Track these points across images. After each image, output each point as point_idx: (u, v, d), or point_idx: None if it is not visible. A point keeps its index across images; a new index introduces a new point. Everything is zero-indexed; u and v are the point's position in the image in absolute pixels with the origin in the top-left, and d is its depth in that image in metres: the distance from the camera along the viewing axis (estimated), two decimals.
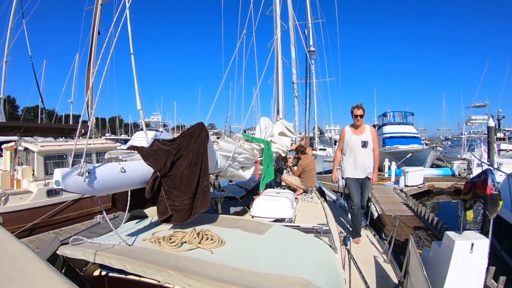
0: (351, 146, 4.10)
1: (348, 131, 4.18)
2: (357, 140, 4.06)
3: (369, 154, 4.09)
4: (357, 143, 4.05)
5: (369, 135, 4.10)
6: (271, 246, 1.82)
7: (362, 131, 4.11)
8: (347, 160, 4.17)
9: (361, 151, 4.06)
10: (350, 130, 4.17)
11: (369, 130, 4.15)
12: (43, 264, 1.00)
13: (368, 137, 4.09)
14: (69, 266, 1.66)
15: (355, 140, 4.08)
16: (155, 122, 32.57)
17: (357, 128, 4.13)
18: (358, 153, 4.06)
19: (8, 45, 10.80)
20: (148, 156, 1.97)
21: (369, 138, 4.08)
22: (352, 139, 4.11)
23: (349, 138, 4.13)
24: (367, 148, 4.06)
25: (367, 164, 4.09)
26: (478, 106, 26.94)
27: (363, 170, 4.09)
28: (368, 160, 4.09)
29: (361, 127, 4.12)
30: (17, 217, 5.96)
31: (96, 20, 8.06)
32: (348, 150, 4.16)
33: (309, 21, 16.87)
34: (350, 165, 4.14)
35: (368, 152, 4.08)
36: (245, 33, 5.19)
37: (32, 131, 7.37)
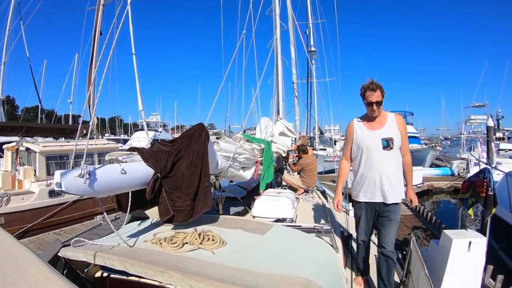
0: (365, 149, 2.51)
1: (359, 125, 2.59)
2: (375, 138, 2.48)
3: (396, 160, 2.49)
4: (375, 143, 2.48)
5: (395, 129, 2.49)
6: (272, 246, 1.83)
7: (382, 122, 2.53)
8: (359, 173, 2.58)
9: (382, 156, 2.46)
10: (362, 123, 2.59)
11: (393, 120, 2.53)
12: (44, 266, 1.00)
13: (394, 131, 2.47)
14: (70, 267, 1.66)
15: (372, 138, 2.49)
16: (154, 122, 32.56)
17: (373, 120, 2.55)
18: (377, 159, 2.46)
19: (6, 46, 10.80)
20: (149, 157, 1.97)
21: (395, 133, 2.47)
22: (367, 137, 2.52)
23: (362, 136, 2.54)
24: (393, 150, 2.45)
25: (392, 177, 2.46)
26: (478, 106, 26.97)
27: (387, 188, 2.45)
28: (394, 170, 2.48)
29: (381, 117, 2.55)
30: (19, 218, 5.96)
31: (98, 21, 8.06)
32: (360, 156, 2.55)
33: (310, 21, 16.87)
34: (363, 181, 2.54)
35: (394, 156, 2.47)
36: (245, 33, 5.19)
37: (34, 132, 7.37)
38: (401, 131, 2.47)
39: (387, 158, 2.44)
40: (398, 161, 2.50)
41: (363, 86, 2.45)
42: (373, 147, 2.46)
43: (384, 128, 2.48)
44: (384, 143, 2.44)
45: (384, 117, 2.52)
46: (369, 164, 2.48)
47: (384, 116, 2.53)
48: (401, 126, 2.50)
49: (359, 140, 2.54)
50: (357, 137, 2.55)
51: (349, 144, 2.65)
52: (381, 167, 2.44)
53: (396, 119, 2.52)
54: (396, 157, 2.48)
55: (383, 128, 2.48)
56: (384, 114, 2.54)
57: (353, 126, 2.60)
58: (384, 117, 2.52)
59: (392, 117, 2.54)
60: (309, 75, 16.66)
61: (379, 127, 2.50)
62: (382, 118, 2.52)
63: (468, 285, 2.80)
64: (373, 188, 2.48)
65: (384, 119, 2.52)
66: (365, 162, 2.50)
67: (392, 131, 2.46)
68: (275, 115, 5.80)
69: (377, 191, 2.47)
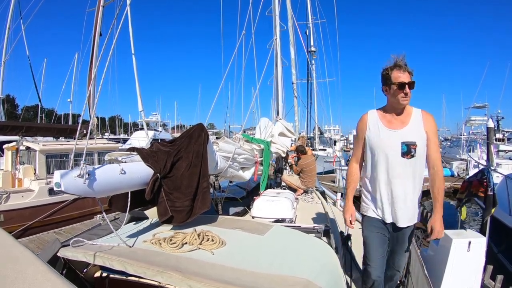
0: (379, 152, 1.94)
1: (374, 119, 1.99)
2: (394, 140, 1.91)
3: (417, 173, 1.93)
4: (393, 147, 1.90)
5: (420, 130, 1.91)
6: (271, 247, 1.83)
7: (404, 120, 1.94)
8: (368, 182, 2.05)
9: (399, 165, 1.90)
10: (379, 117, 1.98)
11: (419, 118, 1.94)
12: (43, 266, 1.00)
13: (419, 134, 1.91)
14: (69, 268, 1.66)
15: (389, 140, 1.92)
16: (154, 121, 32.56)
17: (394, 115, 1.95)
18: (392, 167, 1.91)
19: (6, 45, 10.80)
20: (148, 158, 1.97)
21: (419, 136, 1.90)
22: (383, 137, 1.94)
23: (376, 135, 1.96)
24: (414, 160, 1.89)
25: (409, 194, 1.93)
26: (478, 107, 27.00)
27: (400, 207, 1.93)
28: (413, 185, 1.94)
29: (404, 113, 1.95)
30: (18, 216, 5.96)
31: (97, 22, 8.07)
32: (371, 162, 2.00)
33: (310, 22, 16.87)
34: (373, 194, 2.03)
35: (416, 167, 1.91)
36: (244, 33, 5.20)
37: (34, 131, 7.38)
38: (429, 134, 1.88)
39: (406, 168, 1.87)
40: (420, 174, 1.91)
41: (387, 66, 1.88)
42: (389, 151, 1.88)
43: (406, 129, 1.89)
44: (404, 148, 1.85)
45: (408, 113, 1.92)
46: (382, 173, 1.91)
47: (408, 112, 1.92)
48: (430, 127, 1.89)
49: (372, 140, 1.95)
50: (370, 135, 1.96)
51: (360, 143, 2.04)
52: (396, 179, 1.88)
53: (423, 117, 1.91)
54: (418, 168, 1.89)
55: (406, 129, 1.89)
56: (408, 109, 1.93)
57: (367, 120, 1.98)
58: (408, 114, 1.92)
59: (418, 115, 1.92)
60: (309, 75, 16.66)
61: (400, 126, 1.90)
62: (405, 114, 1.92)
63: (467, 285, 2.81)
64: (382, 204, 1.96)
65: (407, 116, 1.91)
66: (376, 170, 1.94)
67: (416, 133, 1.87)
68: (275, 116, 5.80)
69: (387, 209, 1.95)
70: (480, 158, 9.76)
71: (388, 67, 1.90)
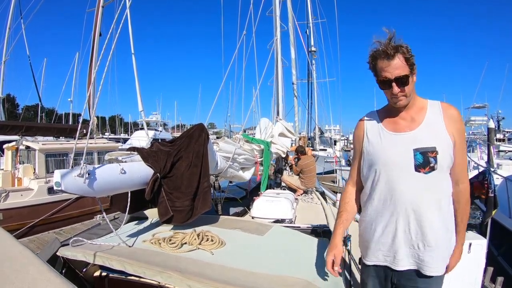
0: (382, 168, 1.32)
1: (372, 124, 1.41)
2: (402, 148, 1.29)
3: (443, 193, 1.30)
4: (401, 157, 1.28)
5: (442, 130, 1.28)
6: (271, 247, 1.83)
7: (416, 118, 1.32)
8: (368, 212, 1.39)
9: (414, 184, 1.27)
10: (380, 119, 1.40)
11: (439, 113, 1.31)
12: (43, 265, 1.00)
13: (440, 135, 1.28)
14: (69, 267, 1.66)
15: (396, 148, 1.31)
16: (154, 121, 32.57)
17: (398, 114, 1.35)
18: (404, 188, 1.27)
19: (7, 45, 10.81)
20: (148, 157, 1.97)
21: (441, 139, 1.27)
22: (387, 145, 1.33)
23: (377, 145, 1.35)
24: (436, 173, 1.26)
25: (435, 226, 1.27)
26: (478, 107, 27.00)
27: (422, 246, 1.28)
28: (439, 212, 1.28)
29: (414, 108, 1.34)
30: (17, 214, 5.96)
31: (97, 22, 8.07)
32: (372, 182, 1.36)
33: (310, 21, 16.86)
34: (375, 228, 1.36)
35: (439, 185, 1.29)
36: (245, 34, 5.20)
37: (34, 131, 7.38)
38: (455, 136, 1.26)
39: (425, 187, 1.24)
40: (447, 194, 1.29)
41: (372, 53, 1.28)
42: (396, 164, 1.27)
43: (420, 129, 1.28)
44: (419, 158, 1.24)
45: (421, 108, 1.32)
46: (389, 197, 1.29)
47: (421, 106, 1.32)
48: (455, 126, 1.27)
49: (371, 152, 1.34)
50: (369, 147, 1.36)
51: (357, 158, 1.45)
52: (411, 204, 1.25)
53: (444, 112, 1.29)
54: (445, 186, 1.28)
55: (418, 129, 1.28)
56: (420, 103, 1.33)
57: (363, 127, 1.42)
58: (421, 109, 1.32)
59: (436, 109, 1.30)
60: (309, 75, 16.64)
61: (410, 127, 1.30)
62: (416, 110, 1.31)
63: (468, 287, 2.80)
64: (392, 243, 1.30)
65: (420, 112, 1.31)
66: (380, 193, 1.31)
67: (435, 134, 1.26)
68: (275, 116, 5.81)
69: (400, 250, 1.29)
70: (480, 159, 9.75)
71: (371, 54, 1.28)
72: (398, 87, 1.25)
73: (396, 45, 1.24)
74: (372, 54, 1.29)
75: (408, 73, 1.24)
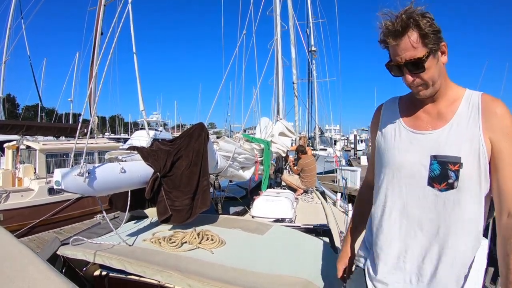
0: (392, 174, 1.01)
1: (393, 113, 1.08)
2: (417, 152, 0.97)
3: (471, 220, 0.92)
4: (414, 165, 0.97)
5: (474, 135, 0.90)
6: (271, 246, 1.83)
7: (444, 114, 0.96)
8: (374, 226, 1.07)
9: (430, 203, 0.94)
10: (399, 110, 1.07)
11: (476, 110, 0.92)
12: (43, 264, 1.00)
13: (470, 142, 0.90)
14: (69, 266, 1.66)
15: (409, 154, 0.98)
16: (154, 121, 32.59)
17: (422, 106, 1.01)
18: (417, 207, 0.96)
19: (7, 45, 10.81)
20: (148, 157, 1.97)
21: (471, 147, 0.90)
22: (400, 145, 1.01)
23: (390, 143, 1.04)
24: (458, 192, 0.90)
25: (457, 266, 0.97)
26: None
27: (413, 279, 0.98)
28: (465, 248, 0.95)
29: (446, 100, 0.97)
30: (18, 215, 5.97)
31: (99, 21, 8.07)
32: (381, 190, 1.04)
33: (310, 21, 16.85)
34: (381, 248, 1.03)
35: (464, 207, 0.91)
36: (245, 33, 5.20)
37: (34, 130, 7.38)
38: (498, 144, 0.90)
39: (436, 209, 0.95)
40: (470, 229, 0.94)
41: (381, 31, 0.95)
42: (407, 172, 0.98)
43: (444, 130, 0.96)
44: (435, 168, 0.94)
45: (454, 100, 0.98)
46: (394, 213, 1.01)
47: (454, 97, 0.98)
48: (500, 128, 0.90)
49: (382, 150, 1.07)
50: (381, 143, 1.08)
51: (373, 153, 1.18)
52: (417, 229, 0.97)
53: (483, 109, 0.93)
54: (467, 216, 0.93)
55: (443, 130, 0.96)
56: (454, 92, 0.99)
57: (380, 115, 1.13)
58: (453, 101, 0.98)
59: (474, 103, 0.95)
60: (310, 75, 16.64)
61: (433, 125, 0.98)
62: (447, 102, 0.99)
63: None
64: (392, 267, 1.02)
65: (452, 105, 0.98)
66: (385, 204, 1.04)
67: (464, 140, 0.92)
68: (275, 115, 5.81)
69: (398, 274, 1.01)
70: None
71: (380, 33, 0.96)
72: (411, 75, 0.93)
73: (408, 16, 0.88)
74: (382, 32, 0.95)
75: (423, 55, 0.89)
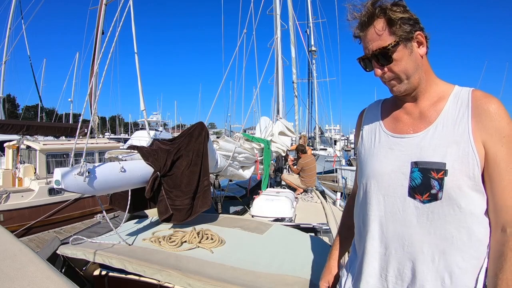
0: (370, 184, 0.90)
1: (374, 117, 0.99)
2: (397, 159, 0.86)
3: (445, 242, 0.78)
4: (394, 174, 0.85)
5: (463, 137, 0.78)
6: (271, 246, 1.83)
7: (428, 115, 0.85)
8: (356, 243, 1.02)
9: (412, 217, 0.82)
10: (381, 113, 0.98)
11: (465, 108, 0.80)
12: (43, 263, 1.00)
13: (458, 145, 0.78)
14: (69, 265, 1.66)
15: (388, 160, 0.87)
16: (155, 121, 32.60)
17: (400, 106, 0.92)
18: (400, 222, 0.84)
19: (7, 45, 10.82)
20: (148, 156, 1.97)
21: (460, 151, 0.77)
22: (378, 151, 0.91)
23: (369, 150, 0.94)
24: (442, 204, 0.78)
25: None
26: None
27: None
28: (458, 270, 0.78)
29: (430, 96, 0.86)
30: (18, 215, 5.97)
31: (100, 20, 8.07)
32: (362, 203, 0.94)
33: (310, 21, 16.85)
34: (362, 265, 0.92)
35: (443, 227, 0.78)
36: (245, 32, 5.20)
37: (35, 130, 7.39)
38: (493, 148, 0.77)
39: (419, 224, 0.81)
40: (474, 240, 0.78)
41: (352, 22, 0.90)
42: (385, 181, 0.87)
43: (427, 132, 0.83)
44: (417, 176, 0.81)
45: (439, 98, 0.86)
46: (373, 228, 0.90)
47: (440, 95, 0.86)
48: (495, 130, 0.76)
49: (361, 157, 0.98)
50: (361, 148, 0.99)
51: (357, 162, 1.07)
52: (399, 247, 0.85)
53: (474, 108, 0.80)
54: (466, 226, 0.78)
55: (426, 132, 0.84)
56: (440, 89, 0.87)
57: (361, 120, 1.04)
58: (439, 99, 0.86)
59: (463, 101, 0.82)
60: (310, 74, 16.65)
61: (414, 127, 0.87)
62: (431, 101, 0.87)
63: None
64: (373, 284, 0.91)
65: (438, 104, 0.86)
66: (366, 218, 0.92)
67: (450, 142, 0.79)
68: (275, 115, 5.81)
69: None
70: None
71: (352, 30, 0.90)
72: (379, 67, 0.85)
73: (373, 3, 0.82)
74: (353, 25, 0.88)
75: (389, 44, 0.80)
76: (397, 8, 0.82)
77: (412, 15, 0.83)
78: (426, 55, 0.86)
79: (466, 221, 0.78)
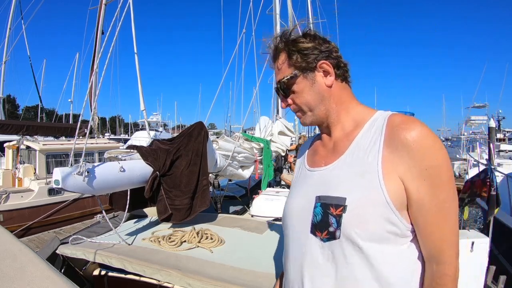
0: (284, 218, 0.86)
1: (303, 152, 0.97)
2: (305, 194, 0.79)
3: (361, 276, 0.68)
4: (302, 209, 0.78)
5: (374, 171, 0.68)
6: (270, 246, 1.83)
7: (340, 147, 0.78)
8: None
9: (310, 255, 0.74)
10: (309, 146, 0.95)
11: (379, 138, 0.70)
12: (42, 263, 1.00)
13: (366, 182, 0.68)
14: (68, 265, 1.66)
15: (299, 197, 0.82)
16: (155, 122, 32.59)
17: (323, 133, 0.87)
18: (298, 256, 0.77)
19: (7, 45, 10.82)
20: (148, 156, 1.97)
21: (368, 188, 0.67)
22: (295, 186, 0.89)
23: (294, 182, 0.93)
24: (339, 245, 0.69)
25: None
26: (478, 106, 26.97)
27: None
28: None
29: (344, 126, 0.80)
30: (18, 216, 5.97)
31: (100, 20, 8.08)
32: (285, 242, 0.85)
33: (311, 21, 16.84)
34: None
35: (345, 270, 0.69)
36: (245, 32, 5.20)
37: (35, 130, 7.39)
38: (413, 184, 0.66)
39: (333, 265, 0.71)
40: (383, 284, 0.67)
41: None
42: (296, 221, 0.81)
43: (336, 164, 0.77)
44: (318, 212, 0.73)
45: (355, 126, 0.79)
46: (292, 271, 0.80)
47: (355, 123, 0.79)
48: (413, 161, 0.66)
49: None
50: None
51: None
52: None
53: (388, 135, 0.70)
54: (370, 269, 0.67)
55: (334, 165, 0.77)
56: (357, 117, 0.80)
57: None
58: (354, 128, 0.79)
59: (378, 127, 0.73)
60: None
61: (326, 160, 0.81)
62: (345, 131, 0.81)
63: (470, 286, 2.78)
64: None
65: (351, 134, 0.78)
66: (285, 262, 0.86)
67: (355, 174, 0.71)
68: (275, 115, 5.80)
69: None
70: (479, 157, 9.74)
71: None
72: (283, 99, 0.85)
73: (279, 37, 0.83)
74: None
75: (284, 76, 0.80)
76: (302, 39, 0.79)
77: (319, 44, 0.79)
78: (346, 82, 0.83)
79: (372, 264, 0.67)
